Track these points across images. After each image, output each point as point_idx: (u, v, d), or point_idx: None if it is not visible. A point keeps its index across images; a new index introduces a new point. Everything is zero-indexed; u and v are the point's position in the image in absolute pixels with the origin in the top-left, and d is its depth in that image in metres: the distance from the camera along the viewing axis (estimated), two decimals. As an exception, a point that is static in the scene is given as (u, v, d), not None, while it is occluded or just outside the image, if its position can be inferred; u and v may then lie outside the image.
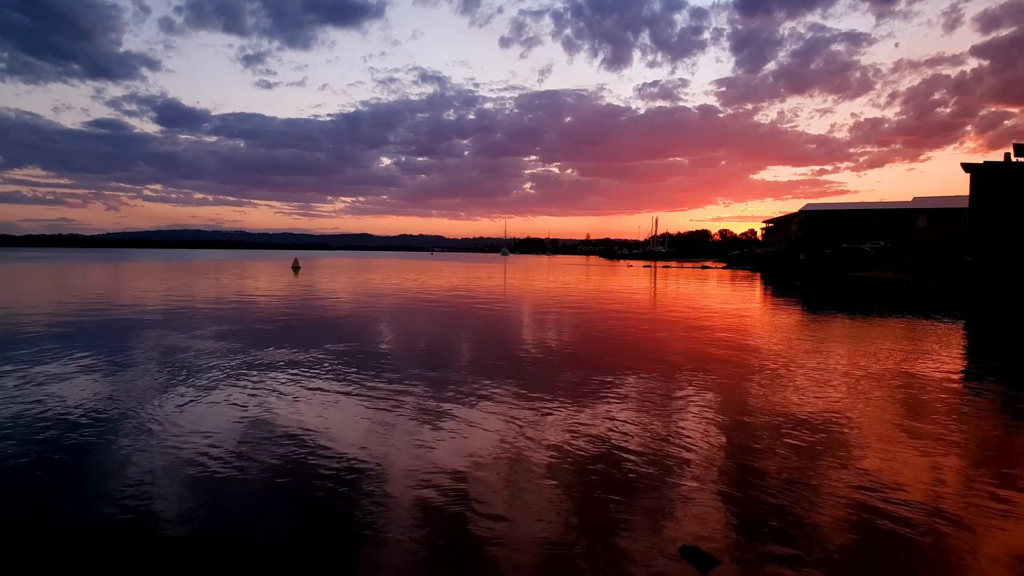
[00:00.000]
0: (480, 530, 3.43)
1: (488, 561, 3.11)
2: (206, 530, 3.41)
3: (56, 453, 4.59)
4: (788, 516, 3.62)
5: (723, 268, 58.23)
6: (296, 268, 42.24)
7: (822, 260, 41.72)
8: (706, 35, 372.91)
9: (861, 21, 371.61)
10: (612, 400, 6.36)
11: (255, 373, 7.47)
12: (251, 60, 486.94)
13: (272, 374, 7.44)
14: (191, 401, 6.10)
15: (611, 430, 5.31)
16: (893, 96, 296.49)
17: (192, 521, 3.51)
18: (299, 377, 7.29)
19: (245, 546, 3.25)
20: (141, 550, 3.18)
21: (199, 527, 3.44)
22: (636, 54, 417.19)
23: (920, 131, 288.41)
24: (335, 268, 46.75)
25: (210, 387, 6.69)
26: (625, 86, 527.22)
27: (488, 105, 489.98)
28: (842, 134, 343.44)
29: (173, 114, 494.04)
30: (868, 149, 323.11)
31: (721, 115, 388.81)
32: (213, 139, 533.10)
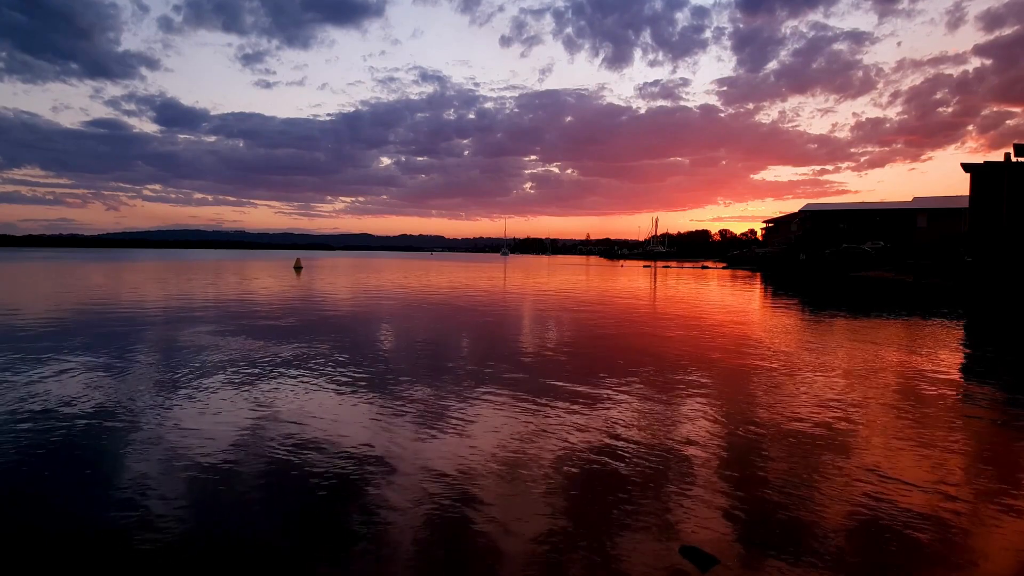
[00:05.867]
0: (480, 529, 3.44)
1: (488, 560, 3.12)
2: (206, 529, 3.42)
3: (57, 451, 4.60)
4: (789, 516, 3.64)
5: (723, 268, 58.28)
6: (298, 268, 42.29)
7: (822, 260, 41.76)
8: (707, 34, 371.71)
9: (863, 20, 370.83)
10: (612, 399, 6.37)
11: (257, 372, 7.48)
12: (250, 59, 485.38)
13: (274, 373, 7.44)
14: (193, 399, 6.11)
15: (611, 429, 5.32)
16: (895, 96, 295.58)
17: (192, 519, 3.52)
18: (301, 376, 7.29)
19: (245, 545, 3.25)
20: (141, 549, 3.18)
21: (199, 525, 3.45)
22: (637, 53, 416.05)
23: (921, 131, 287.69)
24: (336, 268, 46.76)
25: (211, 386, 6.70)
26: (626, 85, 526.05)
27: (488, 105, 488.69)
28: (843, 134, 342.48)
29: (172, 114, 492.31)
30: (869, 149, 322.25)
31: (722, 115, 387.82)
32: (212, 139, 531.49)
